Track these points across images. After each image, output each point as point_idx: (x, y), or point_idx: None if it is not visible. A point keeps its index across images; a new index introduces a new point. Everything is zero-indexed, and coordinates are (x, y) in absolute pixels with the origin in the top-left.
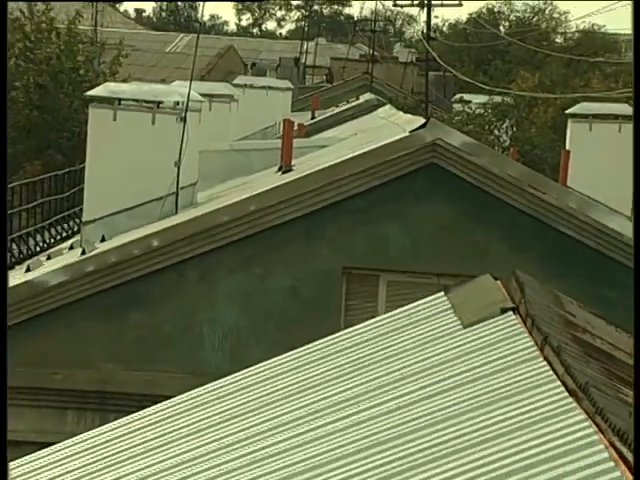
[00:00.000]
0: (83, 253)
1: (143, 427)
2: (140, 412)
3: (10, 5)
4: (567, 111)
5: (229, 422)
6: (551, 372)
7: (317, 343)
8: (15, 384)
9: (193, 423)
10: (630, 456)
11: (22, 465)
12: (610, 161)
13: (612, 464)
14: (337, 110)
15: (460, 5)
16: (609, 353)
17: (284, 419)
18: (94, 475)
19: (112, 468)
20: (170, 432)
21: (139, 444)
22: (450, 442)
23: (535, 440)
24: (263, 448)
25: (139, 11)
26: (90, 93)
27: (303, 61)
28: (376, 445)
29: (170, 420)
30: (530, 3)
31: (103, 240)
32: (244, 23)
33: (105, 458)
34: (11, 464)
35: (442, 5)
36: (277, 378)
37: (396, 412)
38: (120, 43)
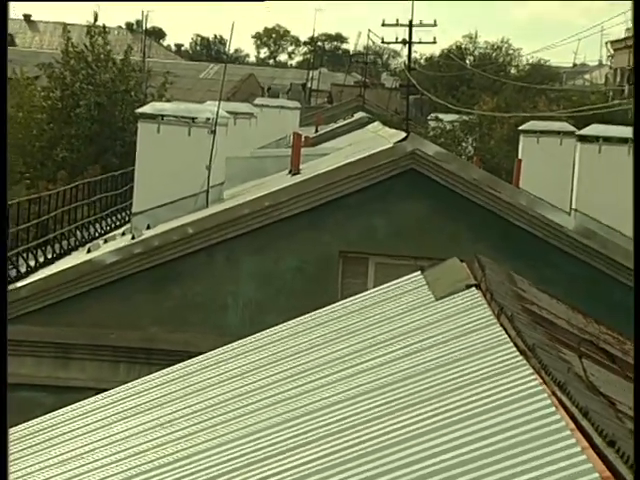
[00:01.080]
0: (132, 238)
1: (180, 377)
2: (177, 365)
3: (75, 38)
4: (519, 127)
5: (248, 374)
6: (505, 336)
7: (317, 312)
8: (80, 342)
9: (219, 374)
10: (569, 403)
11: (84, 406)
12: (553, 168)
13: (553, 409)
14: (336, 125)
15: (434, 43)
16: (551, 321)
17: (290, 372)
18: (142, 413)
19: (156, 409)
20: (200, 382)
21: (177, 390)
22: (420, 392)
23: (491, 390)
24: (277, 394)
25: (178, 45)
26: (139, 110)
27: (309, 86)
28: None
29: (201, 371)
30: (490, 41)
31: (148, 228)
32: (262, 55)
33: (150, 401)
34: (77, 404)
35: (420, 42)
36: (285, 339)
37: (378, 368)
38: (167, 72)
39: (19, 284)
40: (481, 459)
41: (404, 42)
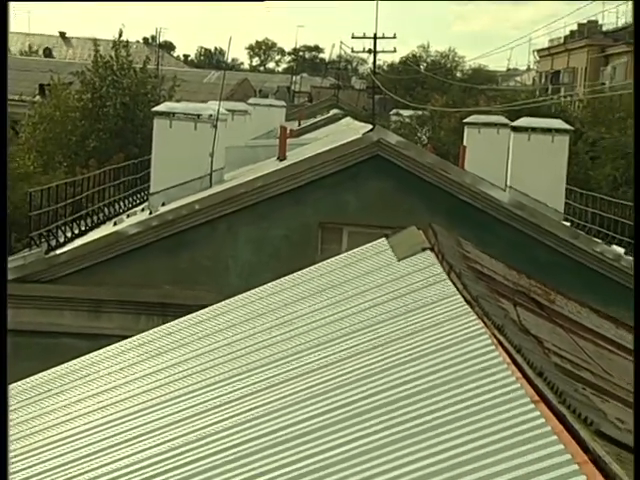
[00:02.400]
0: (150, 213)
1: (188, 326)
2: (187, 316)
3: (102, 51)
4: (464, 120)
5: (244, 323)
6: (454, 289)
7: (300, 272)
8: (108, 298)
9: (224, 322)
10: (505, 342)
11: (112, 350)
12: (492, 153)
13: (493, 347)
14: (315, 120)
15: (395, 52)
16: (491, 276)
17: (276, 322)
18: (159, 356)
19: (170, 352)
20: (209, 328)
21: (187, 337)
22: (381, 337)
23: (442, 334)
24: (269, 338)
25: (186, 56)
26: (155, 109)
27: (293, 88)
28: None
29: (207, 321)
30: (439, 50)
31: (163, 205)
32: (254, 63)
33: (164, 346)
34: (106, 348)
35: (383, 52)
36: (275, 294)
37: (348, 317)
38: (176, 78)
39: (59, 251)
40: (433, 390)
41: (370, 51)
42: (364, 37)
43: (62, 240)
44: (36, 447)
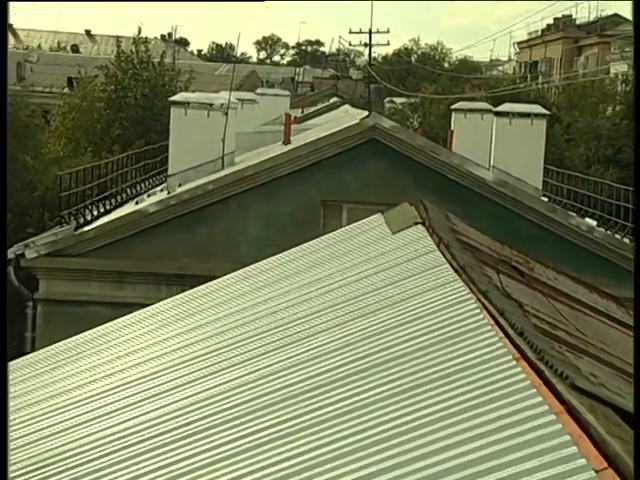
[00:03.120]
0: (168, 193)
1: (204, 295)
2: (203, 285)
3: (124, 47)
4: (451, 107)
5: (257, 290)
6: (443, 259)
7: (304, 245)
8: (131, 270)
9: (235, 291)
10: (490, 306)
11: (134, 317)
12: (477, 136)
13: (478, 311)
14: (316, 108)
15: (388, 45)
16: (477, 247)
17: (282, 291)
18: (177, 322)
19: (188, 318)
20: (222, 296)
21: (203, 304)
22: (378, 302)
23: (433, 299)
24: (276, 305)
25: (199, 50)
26: (172, 99)
27: (296, 79)
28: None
29: (221, 289)
30: (429, 43)
31: (180, 186)
32: (261, 57)
33: (182, 312)
34: (129, 315)
35: (377, 45)
36: (281, 265)
37: (347, 286)
38: (191, 71)
39: (86, 228)
40: (423, 350)
41: (365, 45)
42: (360, 32)
43: (89, 218)
44: (64, 405)
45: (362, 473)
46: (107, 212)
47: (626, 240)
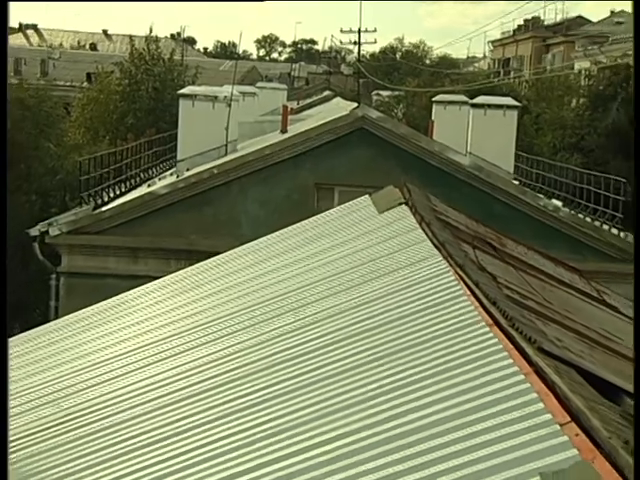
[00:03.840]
0: (177, 177)
1: (209, 268)
2: (208, 260)
3: (137, 45)
4: (432, 99)
5: (255, 265)
6: (424, 236)
7: (298, 224)
8: (144, 246)
9: (237, 265)
10: (466, 278)
11: (147, 288)
12: (455, 126)
13: (456, 282)
14: (310, 100)
15: (375, 43)
16: (455, 226)
17: (278, 265)
18: (185, 293)
19: (195, 289)
20: (224, 270)
21: (208, 277)
22: (365, 275)
23: (413, 273)
24: (278, 276)
25: (205, 48)
26: (180, 92)
27: (293, 74)
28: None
29: (224, 264)
30: (412, 42)
31: (188, 170)
32: (261, 54)
33: (190, 284)
34: (142, 287)
35: (365, 43)
36: (278, 242)
37: (334, 262)
38: (197, 67)
39: (104, 209)
40: (404, 318)
41: (355, 43)
42: (350, 31)
43: (106, 199)
44: (85, 367)
45: (347, 429)
46: (122, 194)
47: (588, 219)
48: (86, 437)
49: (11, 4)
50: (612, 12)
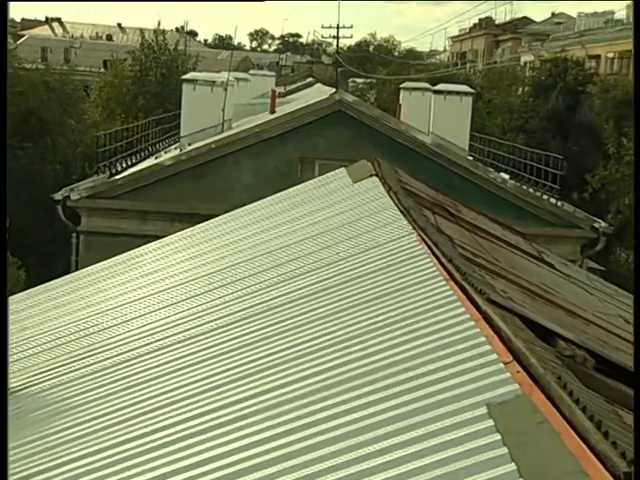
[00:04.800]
0: (180, 151)
1: (207, 229)
2: (206, 222)
3: (146, 36)
4: (400, 86)
5: (246, 227)
6: (392, 203)
7: (284, 192)
8: (152, 210)
9: (231, 227)
10: (427, 239)
11: (154, 245)
12: (419, 109)
13: (418, 242)
14: (295, 85)
15: (352, 37)
16: (418, 194)
17: (263, 228)
18: (186, 249)
19: (196, 246)
20: (220, 230)
21: (205, 236)
22: (337, 236)
23: (381, 234)
24: (266, 236)
25: (205, 40)
26: (183, 77)
27: (281, 63)
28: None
29: (220, 226)
30: (383, 36)
31: (189, 145)
32: (254, 45)
33: (192, 242)
34: (150, 244)
35: (343, 37)
36: (266, 207)
37: (314, 225)
38: (198, 55)
39: (117, 177)
40: (373, 273)
41: (334, 37)
42: (330, 27)
43: (120, 169)
44: (99, 312)
45: (324, 367)
46: (133, 164)
47: (530, 190)
48: (102, 370)
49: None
50: (553, 14)
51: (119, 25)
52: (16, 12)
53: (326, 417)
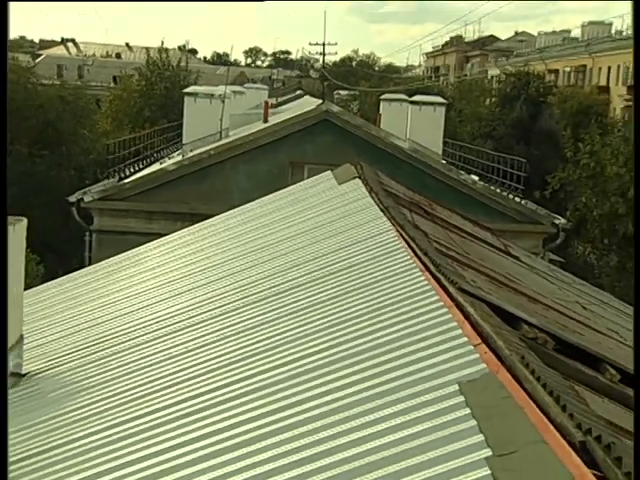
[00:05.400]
0: (183, 157)
1: (207, 227)
2: (205, 221)
3: (152, 54)
4: (380, 97)
5: (243, 224)
6: (373, 202)
7: (276, 193)
8: (157, 210)
9: (229, 224)
10: (404, 234)
11: (158, 242)
12: (397, 118)
13: (397, 238)
14: (286, 97)
15: (336, 54)
16: (396, 194)
17: (256, 226)
18: (189, 244)
19: (198, 242)
20: (219, 228)
21: (205, 233)
22: (322, 234)
23: (363, 231)
24: (260, 233)
25: (204, 57)
26: (185, 90)
27: (273, 77)
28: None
29: (219, 224)
30: (365, 52)
31: (191, 151)
32: (248, 62)
33: (193, 239)
34: (155, 241)
35: (329, 54)
36: (261, 207)
37: (304, 222)
38: (198, 71)
39: (126, 181)
40: (355, 265)
41: (320, 54)
42: (317, 44)
43: (128, 173)
44: (111, 301)
45: (314, 349)
46: (140, 169)
47: (497, 190)
48: (114, 354)
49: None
50: (516, 32)
51: (127, 44)
52: (34, 33)
53: (313, 396)
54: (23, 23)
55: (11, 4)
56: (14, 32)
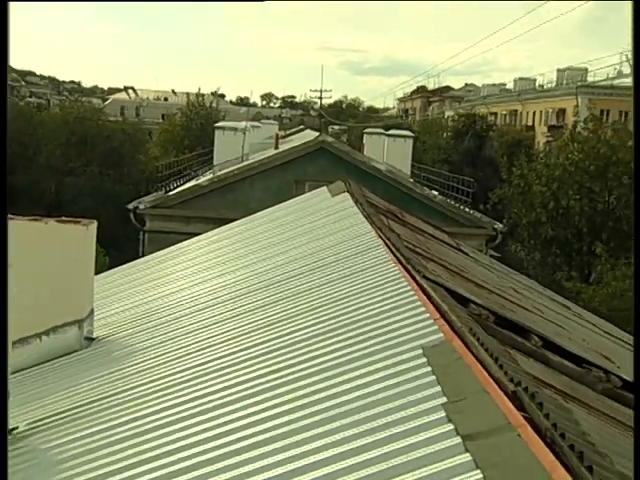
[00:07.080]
0: (213, 175)
1: (232, 228)
2: (231, 224)
3: (191, 98)
4: (364, 131)
5: (260, 226)
6: (358, 211)
7: (284, 203)
8: (193, 216)
9: (249, 226)
10: (382, 235)
11: (195, 241)
12: (377, 148)
13: (377, 238)
14: (292, 131)
15: (331, 97)
16: (377, 205)
17: (272, 225)
18: (219, 241)
19: (226, 239)
20: (243, 229)
21: (231, 233)
22: (315, 236)
23: (350, 233)
24: (270, 234)
25: (231, 100)
26: (215, 125)
27: (281, 116)
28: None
29: (241, 225)
30: (351, 97)
31: (220, 171)
32: (263, 104)
33: (221, 237)
34: (192, 239)
35: (324, 98)
36: (270, 215)
37: (301, 227)
38: (225, 111)
39: (171, 193)
40: (339, 260)
41: (319, 97)
42: (316, 90)
43: (172, 187)
44: (159, 284)
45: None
46: (181, 184)
47: (452, 202)
48: (164, 323)
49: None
50: (466, 84)
51: (172, 90)
52: (104, 82)
53: (313, 372)
54: (96, 75)
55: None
56: (88, 82)
